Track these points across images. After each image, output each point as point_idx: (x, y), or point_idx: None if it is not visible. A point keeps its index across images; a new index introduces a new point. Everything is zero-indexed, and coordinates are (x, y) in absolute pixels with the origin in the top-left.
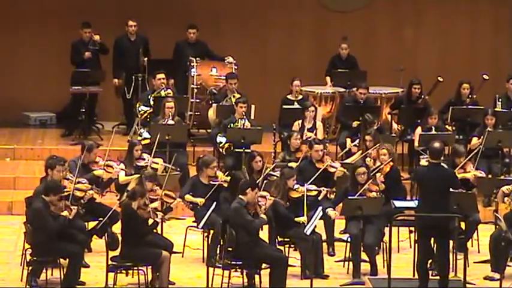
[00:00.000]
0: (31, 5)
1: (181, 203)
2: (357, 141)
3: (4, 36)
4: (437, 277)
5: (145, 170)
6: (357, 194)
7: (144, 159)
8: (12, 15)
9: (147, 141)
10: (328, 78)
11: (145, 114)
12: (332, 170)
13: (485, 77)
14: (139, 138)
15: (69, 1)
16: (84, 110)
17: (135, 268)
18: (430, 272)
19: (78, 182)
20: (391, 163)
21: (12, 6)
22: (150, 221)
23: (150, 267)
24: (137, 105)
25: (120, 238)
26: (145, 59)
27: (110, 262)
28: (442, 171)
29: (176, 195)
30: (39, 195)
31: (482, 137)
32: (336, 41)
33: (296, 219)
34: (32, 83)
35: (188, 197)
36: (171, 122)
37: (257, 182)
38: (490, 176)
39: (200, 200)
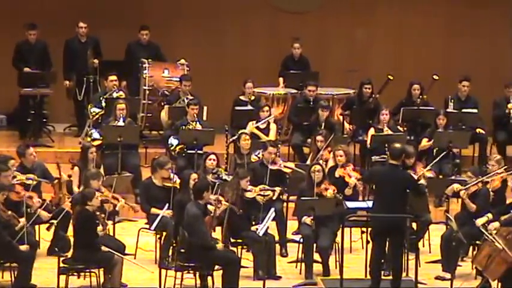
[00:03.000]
0: None
1: (125, 205)
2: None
3: None
4: (390, 277)
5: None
6: (314, 194)
7: None
8: None
9: (98, 142)
10: (280, 79)
11: (97, 116)
12: (286, 170)
13: (435, 77)
14: (89, 139)
15: (19, 2)
16: (33, 112)
17: (87, 270)
18: (382, 272)
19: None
20: (350, 164)
21: None
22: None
23: (102, 269)
24: (89, 106)
25: (71, 240)
26: (96, 60)
27: (61, 264)
28: (400, 173)
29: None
30: None
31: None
32: (289, 43)
33: (252, 228)
34: None
35: (154, 210)
36: (121, 123)
37: (212, 182)
38: (440, 176)
39: (167, 212)
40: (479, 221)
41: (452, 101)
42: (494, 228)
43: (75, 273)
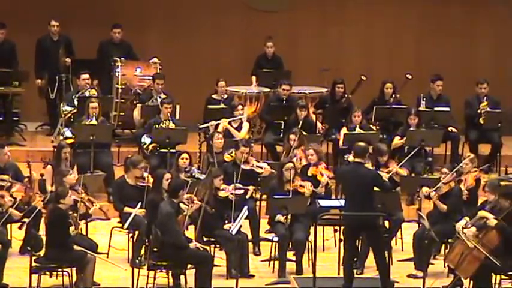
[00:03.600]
0: None
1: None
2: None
3: None
4: (362, 275)
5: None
6: (290, 192)
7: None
8: None
9: (71, 140)
10: (253, 78)
11: (69, 114)
12: (259, 170)
13: (408, 76)
14: (61, 138)
15: None
16: (4, 111)
17: (60, 269)
18: (355, 271)
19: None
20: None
21: None
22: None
23: (74, 268)
24: (61, 105)
25: (44, 239)
26: (68, 59)
27: (33, 263)
28: (363, 170)
29: (97, 202)
30: None
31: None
32: (262, 41)
33: (225, 226)
34: None
35: (127, 209)
36: (94, 122)
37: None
38: (413, 174)
39: (140, 211)
40: (459, 225)
41: (424, 99)
42: (472, 234)
43: (48, 273)
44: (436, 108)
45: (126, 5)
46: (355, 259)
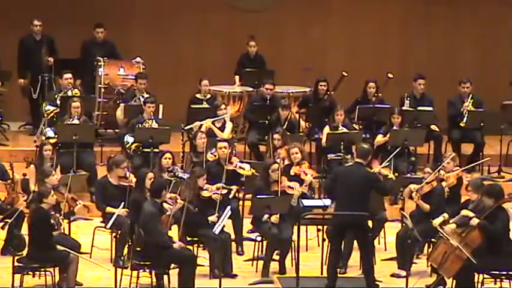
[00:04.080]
0: None
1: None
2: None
3: None
4: (345, 275)
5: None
6: (278, 193)
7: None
8: None
9: (53, 140)
10: (236, 77)
11: (52, 114)
12: (241, 171)
13: (389, 75)
14: (44, 138)
15: None
16: None
17: (42, 269)
18: (338, 270)
19: None
20: (305, 162)
21: None
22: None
23: (57, 268)
24: (43, 105)
25: (26, 239)
26: (51, 58)
27: (16, 263)
28: (364, 171)
29: (80, 201)
30: None
31: (388, 135)
32: (245, 41)
33: (209, 218)
34: None
35: (109, 209)
36: (76, 121)
37: (168, 180)
38: (396, 174)
39: (123, 211)
40: (436, 221)
41: (408, 99)
42: (450, 230)
43: (30, 272)
44: (419, 108)
45: (110, 4)
46: (339, 259)
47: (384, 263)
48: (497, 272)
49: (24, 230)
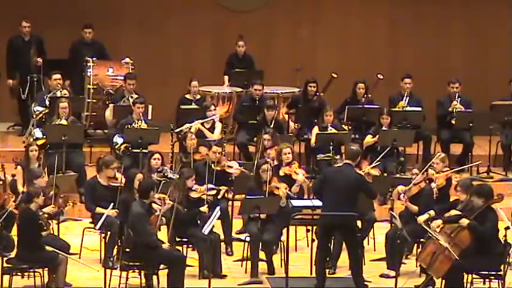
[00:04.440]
0: None
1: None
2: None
3: None
4: (335, 275)
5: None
6: (266, 193)
7: None
8: None
9: (42, 141)
10: (225, 78)
11: (41, 115)
12: (230, 170)
13: (379, 76)
14: (31, 139)
15: None
16: None
17: (31, 270)
18: (327, 270)
19: None
20: (296, 162)
21: None
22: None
23: (46, 269)
24: (32, 105)
25: (15, 240)
26: (40, 59)
27: (5, 264)
28: (353, 172)
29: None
30: None
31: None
32: (235, 41)
33: (201, 208)
34: None
35: (99, 209)
36: (64, 122)
37: (157, 181)
38: (385, 174)
39: (112, 211)
40: (421, 218)
41: (408, 97)
42: (436, 225)
43: (19, 273)
44: (407, 108)
45: (99, 5)
46: (328, 259)
47: (373, 263)
48: (486, 272)
49: (14, 231)
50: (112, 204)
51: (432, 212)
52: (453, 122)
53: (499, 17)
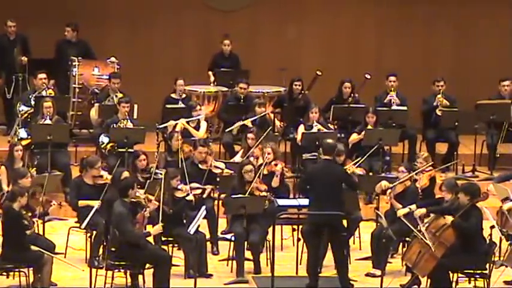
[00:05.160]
0: None
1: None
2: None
3: None
4: (321, 274)
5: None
6: (247, 193)
7: None
8: None
9: (26, 141)
10: (210, 73)
11: (26, 114)
12: (217, 171)
13: (367, 76)
14: (16, 139)
15: None
16: None
17: (16, 270)
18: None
19: None
20: (282, 163)
21: None
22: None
23: (31, 268)
24: (17, 105)
25: (0, 240)
26: (25, 58)
27: None
28: (335, 167)
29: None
30: None
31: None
32: (220, 41)
33: (188, 198)
34: None
35: (82, 202)
36: (48, 121)
37: (141, 181)
38: (370, 173)
39: (97, 203)
40: (401, 212)
41: (398, 98)
42: (420, 213)
43: (4, 273)
44: (393, 107)
45: (84, 4)
46: (318, 258)
47: (359, 262)
48: (471, 271)
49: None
50: (98, 203)
51: (413, 207)
52: (439, 113)
53: (485, 16)
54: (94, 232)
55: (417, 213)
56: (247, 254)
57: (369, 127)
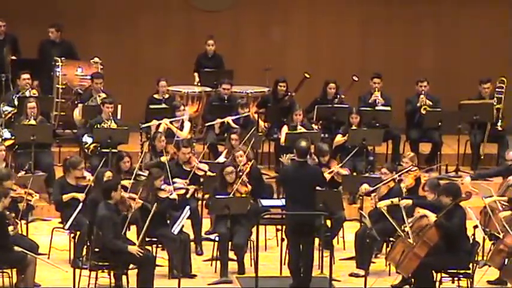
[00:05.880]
0: None
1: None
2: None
3: None
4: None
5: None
6: (230, 194)
7: None
8: None
9: (10, 142)
10: (196, 74)
11: (9, 115)
12: (200, 173)
13: (354, 78)
14: (0, 139)
15: None
16: None
17: (0, 270)
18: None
19: None
20: (249, 163)
21: None
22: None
23: (14, 269)
24: (1, 105)
25: None
26: (14, 57)
27: None
28: (308, 169)
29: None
30: None
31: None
32: (204, 41)
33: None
34: None
35: (65, 196)
36: (32, 122)
37: (124, 182)
38: (354, 173)
39: (81, 195)
40: (382, 204)
41: (383, 99)
42: (405, 204)
43: None
44: (376, 108)
45: (69, 4)
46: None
47: (343, 262)
48: (455, 271)
49: None
50: (82, 204)
51: (396, 200)
52: (423, 111)
53: (469, 17)
54: (78, 232)
55: (403, 202)
56: (231, 254)
57: (353, 127)
